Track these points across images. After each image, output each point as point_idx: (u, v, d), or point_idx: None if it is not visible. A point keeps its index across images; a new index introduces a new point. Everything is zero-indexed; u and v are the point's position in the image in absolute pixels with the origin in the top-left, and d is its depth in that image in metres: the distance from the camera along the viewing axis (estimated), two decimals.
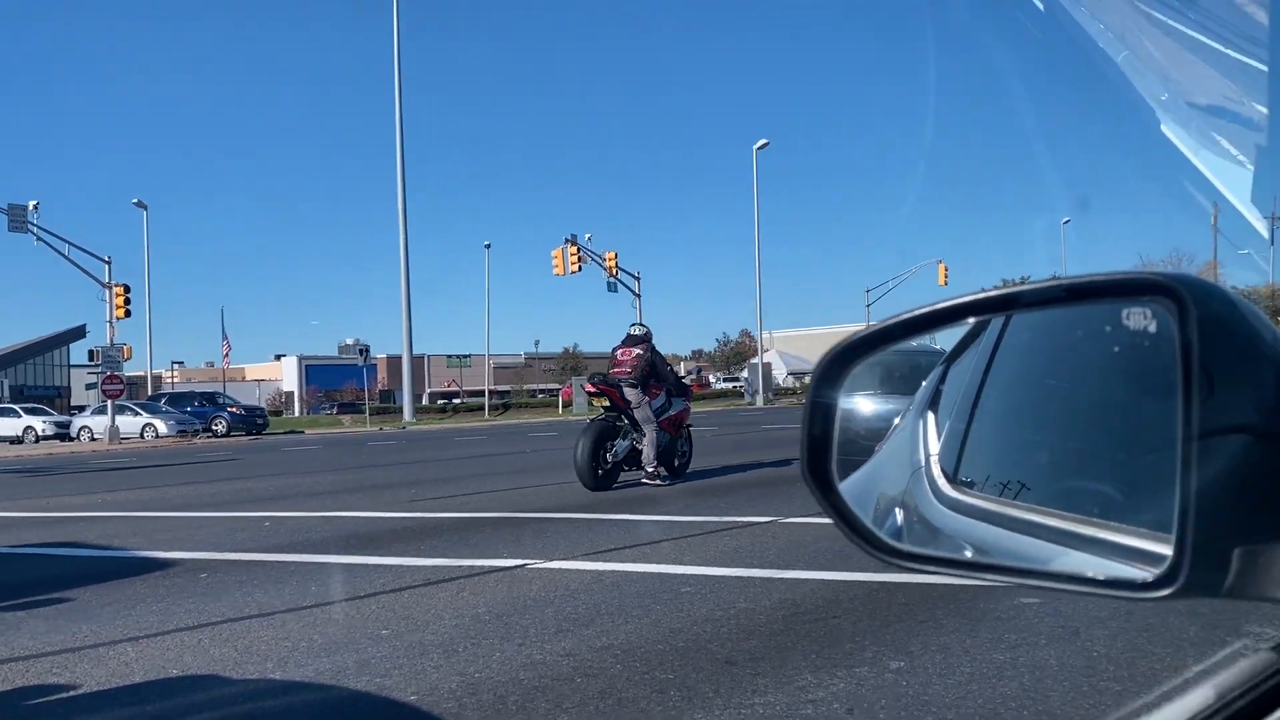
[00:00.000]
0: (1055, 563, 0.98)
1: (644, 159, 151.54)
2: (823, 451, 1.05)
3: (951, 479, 1.42)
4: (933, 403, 1.75)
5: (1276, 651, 0.66)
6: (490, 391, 59.96)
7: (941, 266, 55.16)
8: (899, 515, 1.51)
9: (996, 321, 1.40)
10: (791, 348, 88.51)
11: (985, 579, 1.00)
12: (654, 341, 11.98)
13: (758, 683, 3.92)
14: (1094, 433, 1.09)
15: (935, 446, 1.58)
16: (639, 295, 51.15)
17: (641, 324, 12.18)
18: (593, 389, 11.65)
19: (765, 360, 60.74)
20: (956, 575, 1.01)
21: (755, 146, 54.57)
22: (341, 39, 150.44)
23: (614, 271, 48.73)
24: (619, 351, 11.83)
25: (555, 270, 46.54)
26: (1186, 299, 0.76)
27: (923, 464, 1.56)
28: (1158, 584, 0.76)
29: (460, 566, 6.80)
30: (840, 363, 1.06)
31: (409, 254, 49.73)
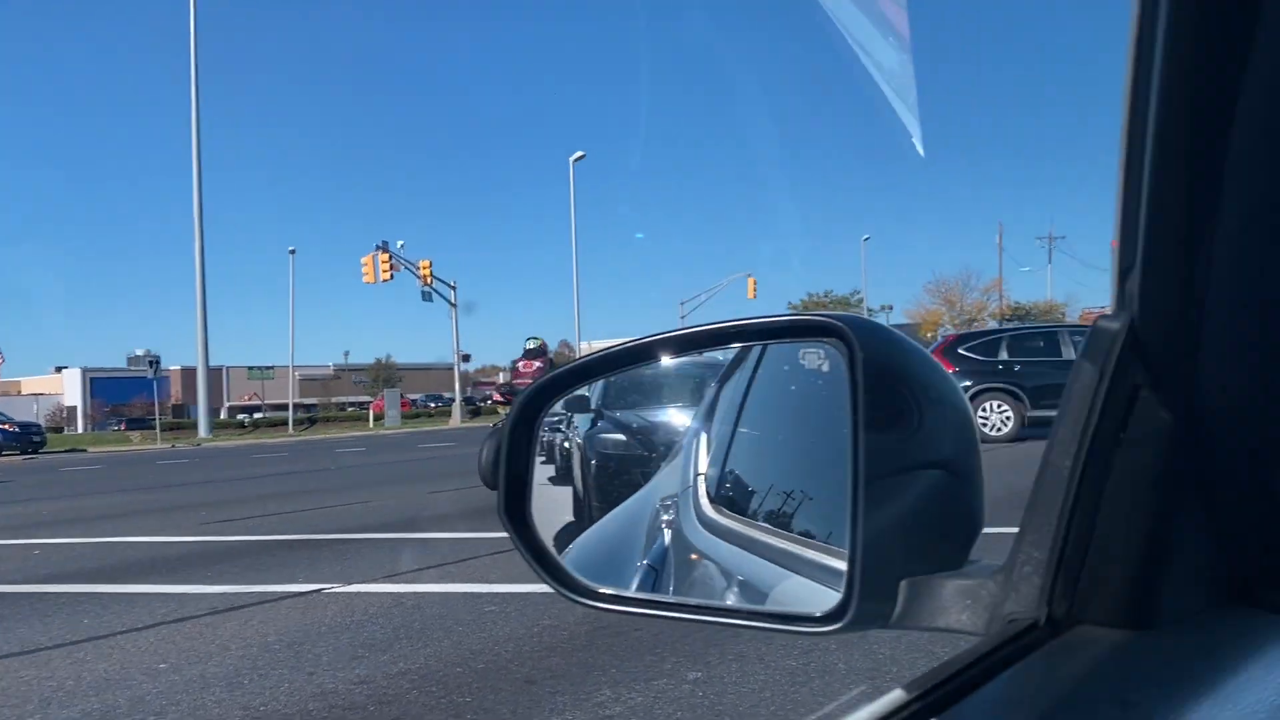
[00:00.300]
0: (743, 600, 0.99)
1: (461, 165, 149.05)
2: (521, 490, 1.03)
3: (713, 499, 1.43)
4: (708, 419, 1.77)
5: (906, 690, 0.68)
6: (295, 405, 57.57)
7: (751, 280, 56.97)
8: (667, 535, 1.51)
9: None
10: None
11: (671, 618, 1.01)
12: (517, 353, 13.41)
13: (556, 701, 3.89)
14: (816, 460, 1.12)
15: (704, 465, 1.59)
16: (455, 305, 50.44)
17: (536, 337, 13.17)
18: (500, 398, 13.27)
19: None
20: (647, 616, 1.01)
21: (571, 158, 54.89)
22: (131, 25, 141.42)
23: (428, 280, 47.82)
24: (521, 364, 13.08)
25: (365, 278, 45.22)
26: (853, 340, 0.79)
27: (691, 483, 1.57)
28: (827, 619, 0.77)
29: (251, 593, 6.46)
30: (539, 400, 1.04)
31: (205, 257, 47.30)
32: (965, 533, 0.80)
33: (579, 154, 55.34)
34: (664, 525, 1.57)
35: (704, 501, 1.46)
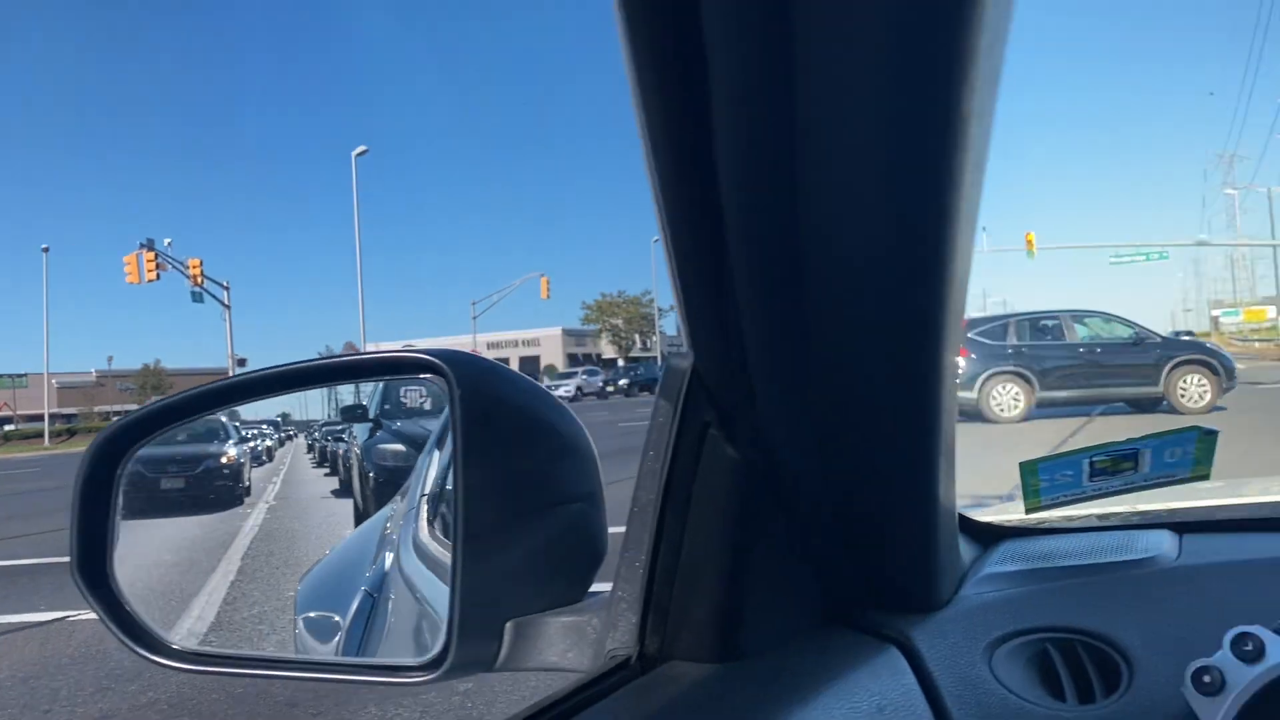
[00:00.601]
0: (344, 656, 0.97)
1: (234, 160, 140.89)
2: (98, 544, 0.94)
3: (430, 521, 1.40)
4: (442, 436, 1.73)
5: None
6: (52, 415, 53.12)
7: (544, 280, 56.87)
8: (388, 559, 1.47)
9: None
10: None
11: (255, 676, 0.97)
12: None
13: None
14: None
15: (429, 486, 1.56)
16: (228, 306, 47.81)
17: (409, 346, 14.44)
18: None
19: None
20: (232, 675, 0.97)
21: (354, 153, 53.08)
22: None
23: (198, 280, 45.10)
24: None
25: (129, 278, 42.13)
26: (452, 378, 0.77)
27: (416, 503, 1.53)
28: (427, 667, 0.76)
29: None
30: (121, 443, 0.96)
31: None
32: (585, 566, 0.79)
33: (361, 149, 53.63)
34: (387, 547, 1.52)
35: (423, 524, 1.42)
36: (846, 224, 0.57)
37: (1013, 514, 1.04)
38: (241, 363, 49.15)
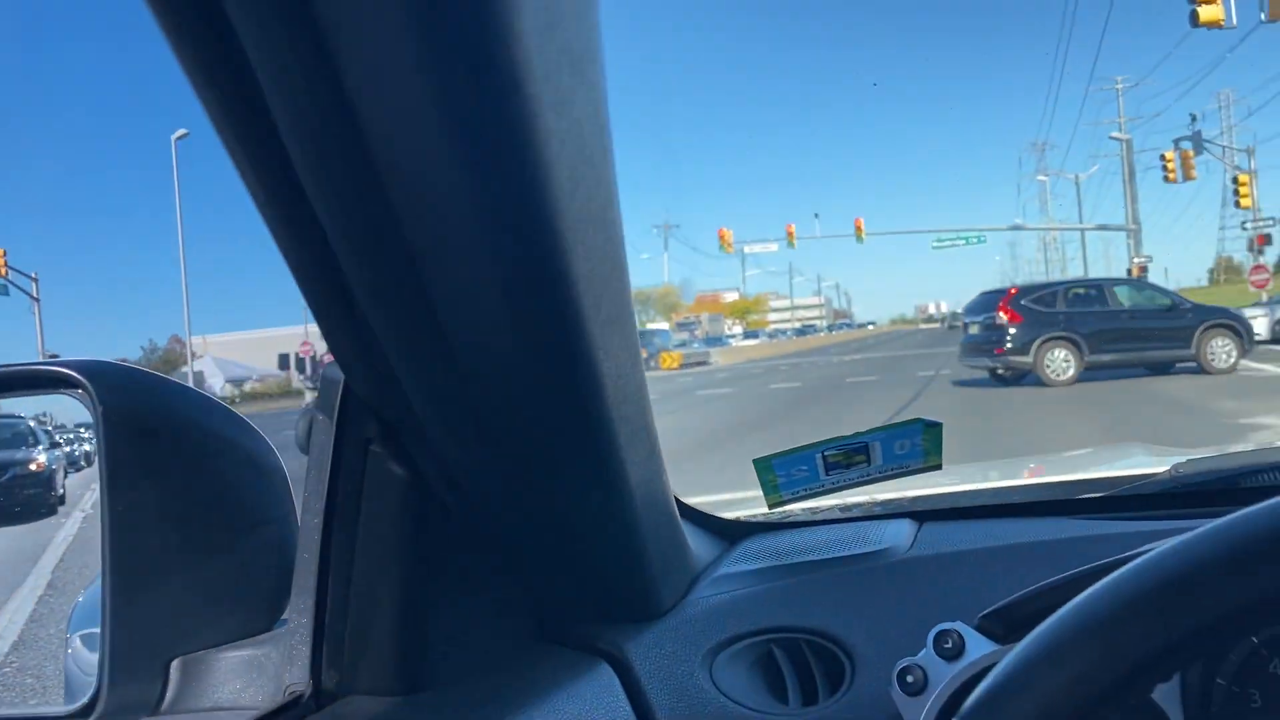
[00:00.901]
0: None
1: (41, 142, 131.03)
2: None
3: None
4: None
5: None
6: None
7: None
8: None
9: None
10: (230, 353, 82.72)
11: None
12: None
13: None
14: None
15: None
16: (37, 299, 44.59)
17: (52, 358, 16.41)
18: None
19: (197, 368, 56.23)
20: None
21: (174, 136, 50.30)
22: None
23: (2, 272, 41.94)
24: (323, 357, 16.99)
25: None
26: (93, 392, 0.71)
27: None
28: (77, 715, 0.69)
29: None
30: None
31: None
32: (274, 593, 0.73)
33: (182, 131, 50.84)
34: None
35: None
36: (446, 227, 0.51)
37: (759, 509, 1.01)
38: (53, 358, 46.03)
